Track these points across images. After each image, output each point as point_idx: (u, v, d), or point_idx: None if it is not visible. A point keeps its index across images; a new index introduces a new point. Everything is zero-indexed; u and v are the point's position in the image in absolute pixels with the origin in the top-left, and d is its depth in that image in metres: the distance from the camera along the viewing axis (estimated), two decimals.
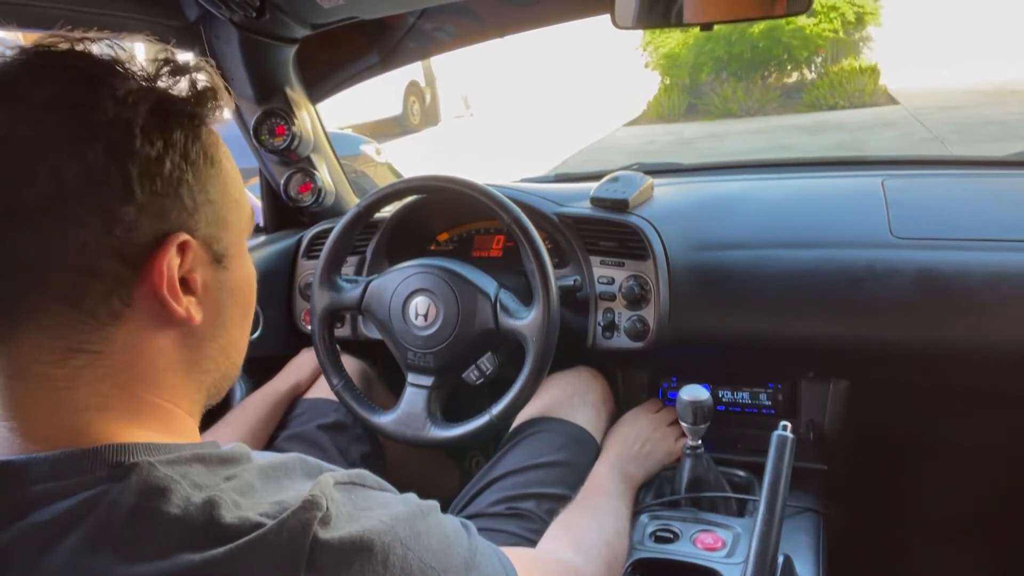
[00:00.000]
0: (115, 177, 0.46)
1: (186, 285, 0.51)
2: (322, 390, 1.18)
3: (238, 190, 0.56)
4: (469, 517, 0.97)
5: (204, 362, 0.55)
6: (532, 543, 0.88)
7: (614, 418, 1.19)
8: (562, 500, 0.95)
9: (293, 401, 1.20)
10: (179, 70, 0.51)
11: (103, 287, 0.47)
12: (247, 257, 0.58)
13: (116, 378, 0.49)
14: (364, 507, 0.50)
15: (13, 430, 0.47)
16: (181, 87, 0.51)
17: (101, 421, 0.48)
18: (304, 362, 1.26)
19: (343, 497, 0.49)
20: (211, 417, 1.18)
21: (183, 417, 0.54)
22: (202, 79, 0.52)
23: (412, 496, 0.56)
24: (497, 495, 0.98)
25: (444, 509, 1.01)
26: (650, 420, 1.15)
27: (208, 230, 0.52)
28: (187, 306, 0.51)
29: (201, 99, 0.51)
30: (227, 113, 0.53)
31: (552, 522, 0.90)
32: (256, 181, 1.50)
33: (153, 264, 0.49)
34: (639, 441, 1.10)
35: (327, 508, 0.46)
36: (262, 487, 0.49)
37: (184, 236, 0.50)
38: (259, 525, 0.45)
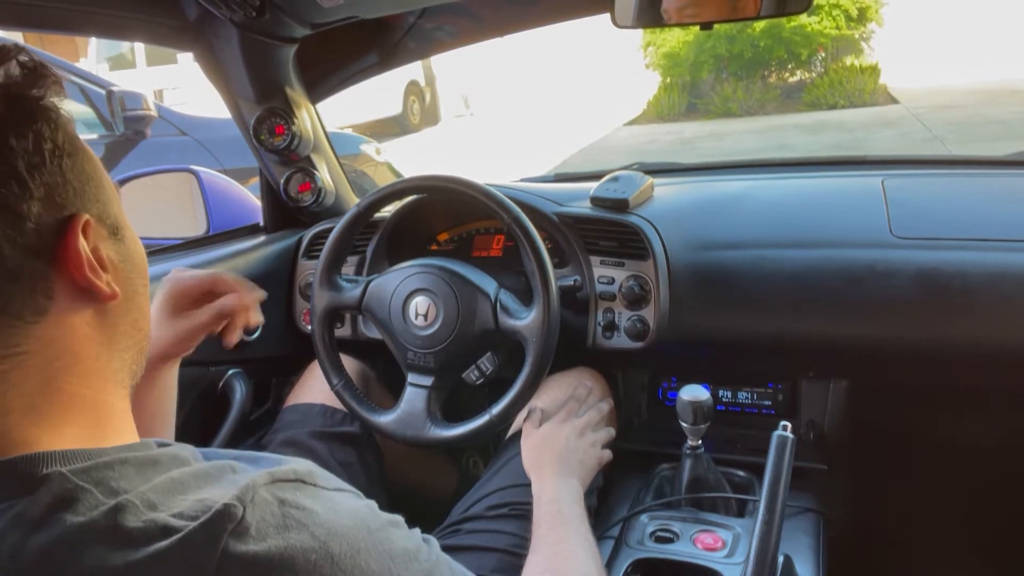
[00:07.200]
0: (6, 176, 0.46)
1: (99, 263, 0.51)
2: (315, 395, 1.17)
3: (98, 162, 0.56)
4: (469, 519, 0.97)
5: (121, 339, 0.54)
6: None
7: (614, 419, 1.19)
8: None
9: (284, 407, 1.16)
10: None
11: (24, 287, 0.47)
12: (131, 227, 0.58)
13: (42, 375, 0.48)
14: (304, 510, 0.47)
15: None
16: (12, 71, 0.50)
17: (26, 424, 0.47)
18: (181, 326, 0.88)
19: (277, 500, 0.47)
20: (211, 421, 1.18)
21: (112, 407, 0.53)
22: (23, 59, 0.50)
23: (370, 506, 0.54)
24: (498, 500, 0.98)
25: (443, 511, 0.99)
26: (574, 427, 1.05)
27: (98, 206, 0.52)
28: (108, 282, 0.51)
29: (39, 81, 0.50)
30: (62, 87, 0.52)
31: (526, 566, 0.82)
32: (256, 181, 1.50)
33: (65, 251, 0.49)
34: (571, 452, 1.01)
35: (242, 517, 0.44)
36: (195, 485, 0.48)
37: (84, 215, 0.50)
38: (168, 529, 0.43)
